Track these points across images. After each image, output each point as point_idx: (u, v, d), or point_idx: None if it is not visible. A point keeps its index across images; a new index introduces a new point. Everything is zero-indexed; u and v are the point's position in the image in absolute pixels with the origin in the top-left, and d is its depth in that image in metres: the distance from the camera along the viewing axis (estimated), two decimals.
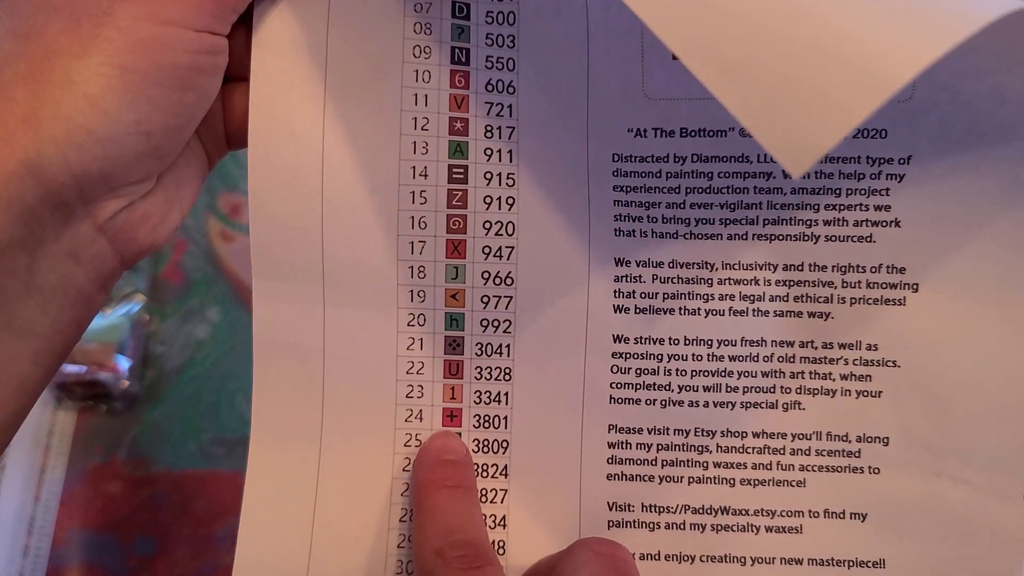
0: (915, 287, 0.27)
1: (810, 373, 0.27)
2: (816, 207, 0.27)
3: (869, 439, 0.27)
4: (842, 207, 0.27)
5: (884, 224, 0.27)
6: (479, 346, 0.28)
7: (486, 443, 0.28)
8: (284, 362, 0.27)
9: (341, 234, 0.27)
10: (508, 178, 0.27)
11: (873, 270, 0.27)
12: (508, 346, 0.28)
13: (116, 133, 0.22)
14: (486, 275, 0.27)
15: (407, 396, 0.28)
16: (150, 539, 0.44)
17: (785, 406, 0.27)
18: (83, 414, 0.45)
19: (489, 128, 0.27)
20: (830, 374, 0.27)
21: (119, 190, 0.23)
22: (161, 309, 0.48)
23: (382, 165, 0.27)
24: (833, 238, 0.27)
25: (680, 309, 0.27)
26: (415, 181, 0.27)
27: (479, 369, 0.28)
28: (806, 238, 0.27)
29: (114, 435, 0.46)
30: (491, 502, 0.28)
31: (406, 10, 0.27)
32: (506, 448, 0.28)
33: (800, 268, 0.27)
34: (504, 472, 0.28)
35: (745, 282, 0.27)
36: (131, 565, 0.43)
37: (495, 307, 0.28)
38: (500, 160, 0.27)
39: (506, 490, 0.28)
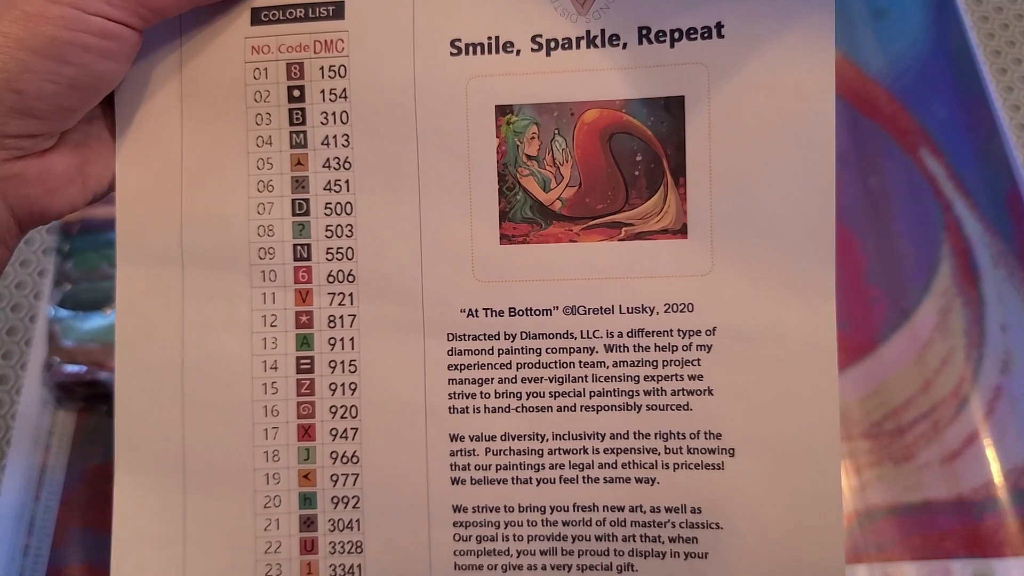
0: (731, 451, 0.28)
1: (640, 536, 0.29)
2: (636, 379, 0.29)
3: None
4: (660, 378, 0.29)
5: (699, 393, 0.29)
6: (331, 522, 0.29)
7: None
8: (144, 552, 0.29)
9: (200, 427, 0.29)
10: (351, 365, 0.29)
11: (692, 436, 0.29)
12: (358, 521, 0.29)
13: None
14: (334, 455, 0.29)
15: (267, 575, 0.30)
16: None
17: (619, 568, 0.29)
18: (83, 414, 0.45)
19: (332, 318, 0.29)
20: (659, 537, 0.29)
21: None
22: None
23: (235, 360, 0.29)
24: (654, 407, 0.29)
25: (513, 479, 0.29)
26: (266, 374, 0.29)
27: (332, 544, 0.29)
28: (629, 408, 0.29)
29: (114, 435, 0.47)
30: None
31: (250, 214, 0.29)
32: None
33: (625, 436, 0.29)
34: None
35: (575, 451, 0.29)
36: None
37: (343, 484, 0.29)
38: (343, 348, 0.29)
39: None
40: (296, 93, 0.29)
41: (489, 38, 0.28)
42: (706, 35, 0.28)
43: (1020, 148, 0.46)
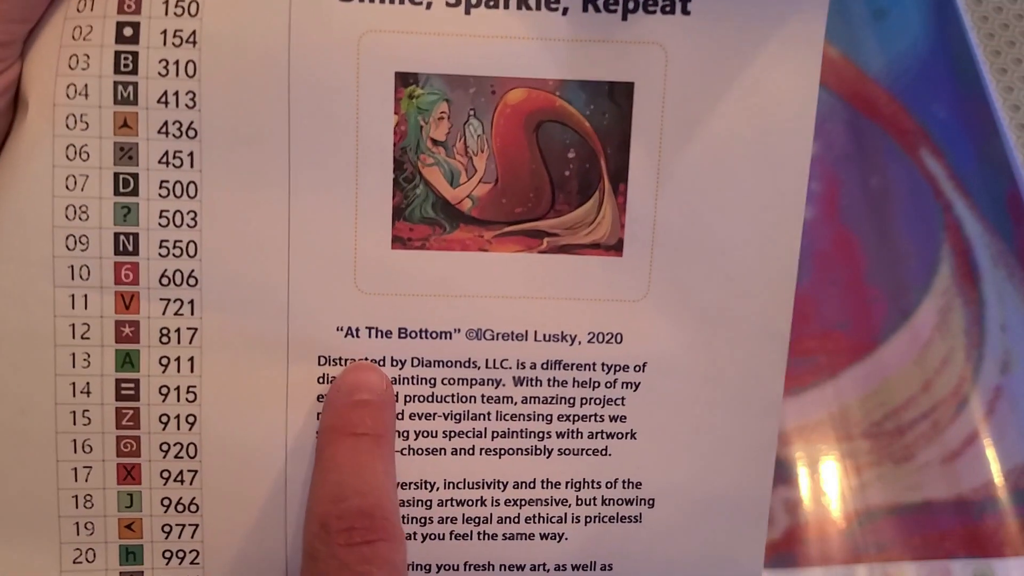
0: (651, 502, 0.25)
1: None
2: (549, 418, 0.24)
3: None
4: (576, 418, 0.24)
5: (620, 436, 0.24)
6: None
7: None
8: None
9: None
10: (188, 392, 0.23)
11: (609, 486, 0.24)
12: None
13: None
14: (167, 502, 0.23)
15: None
16: None
17: None
18: None
19: (166, 331, 0.23)
20: None
21: None
22: None
23: (31, 381, 0.22)
24: (567, 451, 0.24)
25: None
26: (75, 399, 0.23)
27: None
28: (538, 452, 0.24)
29: None
30: None
31: (55, 188, 0.22)
32: None
33: (532, 486, 0.24)
34: None
35: (470, 503, 0.24)
36: None
37: (180, 537, 0.24)
38: (179, 371, 0.23)
39: None
40: (128, 32, 0.21)
41: None
42: (668, 9, 0.22)
43: (1020, 148, 0.45)
